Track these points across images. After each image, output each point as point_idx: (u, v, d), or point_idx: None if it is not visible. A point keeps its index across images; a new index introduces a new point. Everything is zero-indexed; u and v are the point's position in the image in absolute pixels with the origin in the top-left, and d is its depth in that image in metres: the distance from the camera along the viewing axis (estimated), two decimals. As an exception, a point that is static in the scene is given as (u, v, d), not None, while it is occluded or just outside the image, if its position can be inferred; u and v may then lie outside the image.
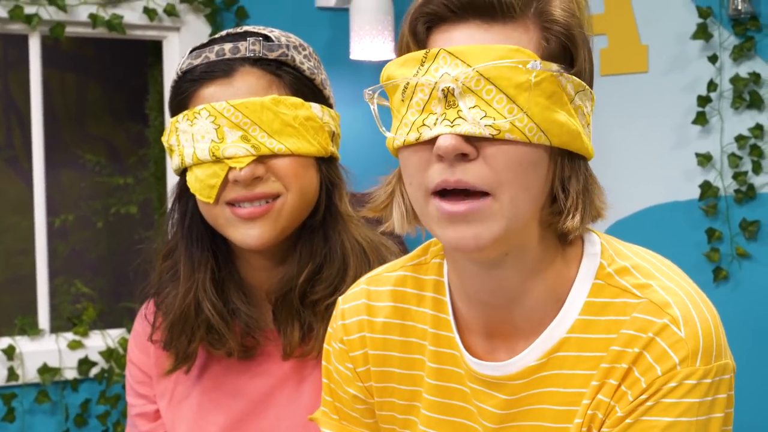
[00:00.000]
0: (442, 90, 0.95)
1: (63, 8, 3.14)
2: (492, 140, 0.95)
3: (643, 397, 0.98)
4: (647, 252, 1.08)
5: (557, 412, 1.04)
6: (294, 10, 3.52)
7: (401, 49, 1.02)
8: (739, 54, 3.12)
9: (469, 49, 0.95)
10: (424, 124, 0.97)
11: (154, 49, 3.55)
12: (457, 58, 0.95)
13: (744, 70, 3.14)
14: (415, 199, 1.01)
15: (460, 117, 0.95)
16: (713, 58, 3.16)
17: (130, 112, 4.53)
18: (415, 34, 1.00)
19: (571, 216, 1.00)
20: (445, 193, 0.97)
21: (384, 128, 1.03)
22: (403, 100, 0.99)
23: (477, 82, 0.95)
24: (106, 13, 3.22)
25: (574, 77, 0.99)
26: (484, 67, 0.94)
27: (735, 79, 3.13)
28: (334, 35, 3.53)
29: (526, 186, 0.96)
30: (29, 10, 3.12)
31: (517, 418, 1.06)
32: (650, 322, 0.99)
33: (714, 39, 3.18)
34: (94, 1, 3.20)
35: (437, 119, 0.95)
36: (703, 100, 3.20)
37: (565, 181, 1.00)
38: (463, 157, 0.95)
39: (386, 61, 3.50)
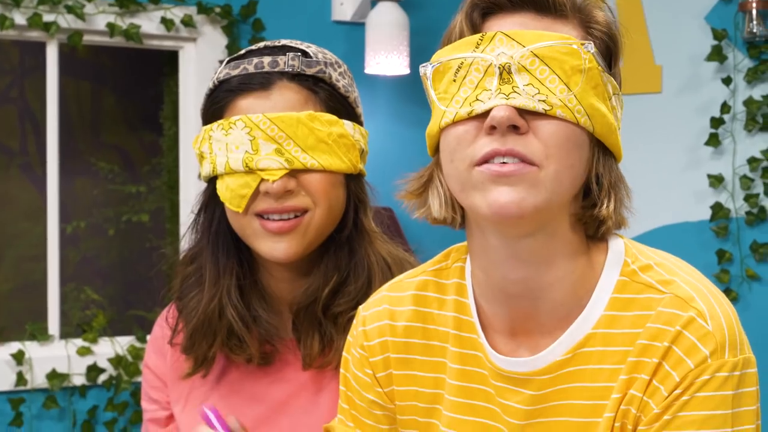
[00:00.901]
0: (498, 67, 1.00)
1: (81, 17, 3.17)
2: (543, 116, 1.00)
3: (678, 391, 1.00)
4: (667, 254, 1.11)
5: (584, 406, 1.05)
6: (310, 23, 3.54)
7: (452, 37, 1.07)
8: (753, 76, 3.13)
9: (525, 32, 1.01)
10: (477, 99, 1.01)
11: (170, 59, 3.57)
12: (513, 39, 1.01)
13: (758, 92, 3.15)
14: (455, 175, 1.03)
15: (515, 92, 0.99)
16: (727, 80, 3.17)
17: (145, 121, 4.55)
18: (471, 20, 1.05)
19: (605, 205, 1.04)
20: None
21: (434, 101, 1.05)
22: (455, 80, 1.03)
23: (532, 61, 1.00)
24: (123, 23, 3.25)
25: (612, 78, 1.05)
26: (538, 47, 1.00)
27: (749, 102, 3.14)
28: (349, 49, 3.55)
29: (570, 163, 1.01)
30: (48, 17, 3.15)
31: (543, 413, 1.07)
32: (676, 316, 1.02)
33: (728, 61, 3.19)
34: (112, 10, 3.23)
35: (491, 94, 1.00)
36: (716, 122, 3.20)
37: (600, 175, 1.05)
38: (514, 129, 0.99)
39: (400, 76, 3.53)
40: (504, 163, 0.99)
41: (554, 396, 1.07)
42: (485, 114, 1.00)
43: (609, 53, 1.07)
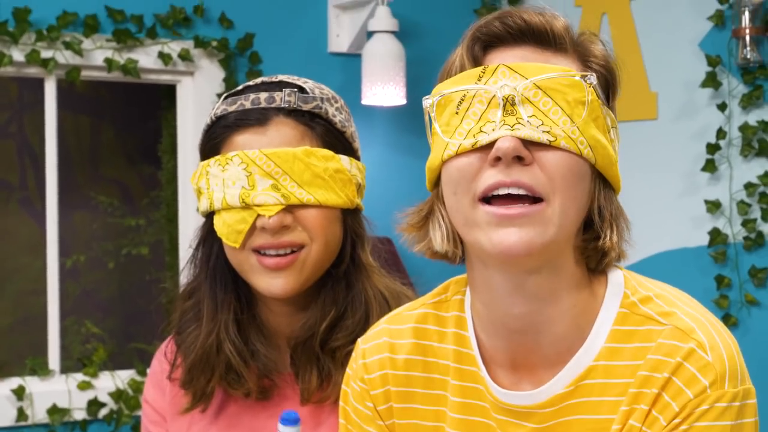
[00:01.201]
0: (502, 98, 1.00)
1: (79, 52, 3.19)
2: (547, 147, 1.00)
3: (677, 421, 1.00)
4: (666, 284, 1.11)
5: None
6: (307, 55, 3.56)
7: (451, 71, 1.07)
8: (748, 102, 3.15)
9: (527, 65, 1.02)
10: (481, 131, 1.01)
11: (168, 92, 3.59)
12: (515, 72, 1.01)
13: (753, 118, 3.16)
14: (459, 209, 1.03)
15: (519, 123, 1.00)
16: (722, 106, 3.18)
17: (143, 154, 4.56)
18: (472, 53, 1.05)
19: (608, 237, 1.05)
20: (492, 201, 1.01)
21: (436, 134, 1.05)
22: (457, 112, 1.03)
23: (535, 93, 1.01)
24: (121, 58, 3.27)
25: (610, 111, 1.06)
26: (541, 79, 1.00)
27: (744, 127, 3.15)
28: (346, 80, 3.57)
29: (574, 196, 1.01)
30: (46, 54, 3.17)
31: None
32: (677, 347, 1.02)
33: (723, 87, 3.21)
34: (109, 45, 3.25)
35: (496, 125, 1.00)
36: (712, 148, 3.21)
37: (601, 207, 1.05)
38: (519, 161, 0.99)
39: (397, 107, 3.55)
40: (509, 195, 0.99)
41: (557, 429, 1.07)
42: (489, 146, 1.00)
43: (607, 87, 1.08)
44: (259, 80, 1.41)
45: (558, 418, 1.06)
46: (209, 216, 1.40)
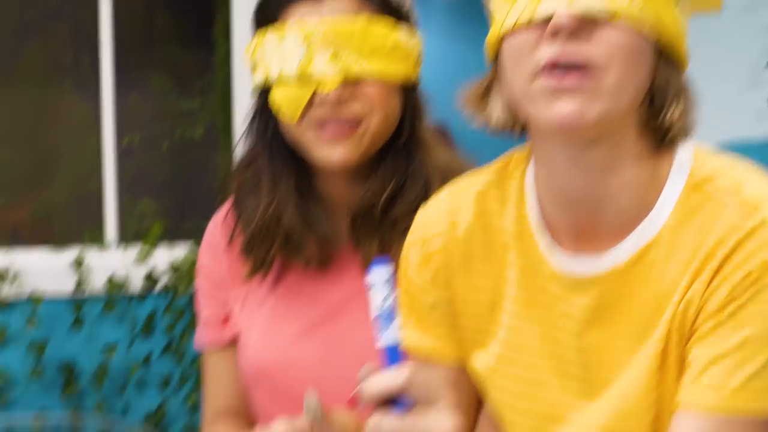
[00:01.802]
0: None
1: (136, -71, 3.16)
2: (605, 23, 0.98)
3: (740, 290, 1.00)
4: (737, 160, 1.09)
5: (645, 311, 1.05)
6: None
7: None
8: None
9: None
10: (540, 4, 0.99)
11: (224, -27, 3.56)
12: None
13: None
14: (517, 82, 1.02)
15: None
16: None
17: (197, 36, 4.55)
18: None
19: (671, 111, 1.03)
20: (551, 72, 0.99)
21: (495, 11, 1.04)
22: None
23: None
24: (178, -64, 3.23)
25: None
26: None
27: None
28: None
29: (633, 70, 0.99)
30: (103, -71, 3.14)
31: (604, 318, 1.07)
32: (743, 221, 1.01)
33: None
34: None
35: None
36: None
37: (665, 82, 1.04)
38: (576, 36, 0.98)
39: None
40: (565, 70, 0.98)
41: (615, 301, 1.07)
42: (547, 21, 0.99)
43: None
44: None
45: (617, 289, 1.06)
46: (264, 89, 1.39)
